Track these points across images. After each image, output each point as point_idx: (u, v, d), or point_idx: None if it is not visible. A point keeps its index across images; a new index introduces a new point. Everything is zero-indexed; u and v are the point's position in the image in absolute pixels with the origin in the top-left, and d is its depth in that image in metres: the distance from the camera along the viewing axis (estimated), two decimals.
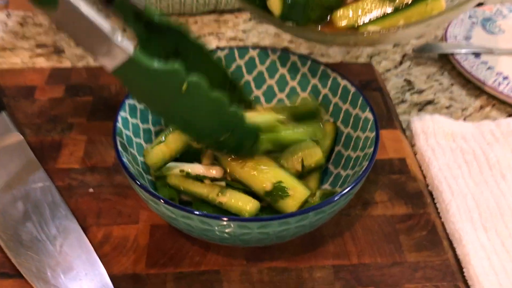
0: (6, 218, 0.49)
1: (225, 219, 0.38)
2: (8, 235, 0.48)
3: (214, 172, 0.46)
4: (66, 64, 0.74)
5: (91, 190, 0.53)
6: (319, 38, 0.57)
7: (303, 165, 0.48)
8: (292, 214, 0.38)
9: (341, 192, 0.41)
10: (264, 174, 0.45)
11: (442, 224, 0.52)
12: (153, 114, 0.52)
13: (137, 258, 0.47)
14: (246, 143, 0.45)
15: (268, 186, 0.45)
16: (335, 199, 0.40)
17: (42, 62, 0.74)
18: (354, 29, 0.56)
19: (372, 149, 0.45)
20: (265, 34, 0.83)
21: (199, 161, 0.49)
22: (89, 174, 0.55)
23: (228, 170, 0.47)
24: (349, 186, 0.41)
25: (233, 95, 0.46)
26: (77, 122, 0.61)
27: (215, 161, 0.48)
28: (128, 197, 0.52)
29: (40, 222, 0.49)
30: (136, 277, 0.46)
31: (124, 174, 0.43)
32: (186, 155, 0.49)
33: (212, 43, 0.79)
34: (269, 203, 0.46)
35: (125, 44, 0.36)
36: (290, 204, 0.45)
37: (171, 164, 0.48)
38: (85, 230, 0.49)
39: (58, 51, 0.77)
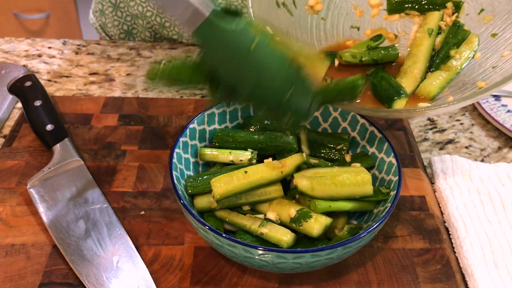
0: (70, 234, 0.56)
1: (264, 249, 0.44)
2: (72, 250, 0.55)
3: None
4: (116, 92, 0.82)
5: (142, 212, 0.60)
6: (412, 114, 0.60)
7: None
8: (322, 248, 0.45)
9: (366, 230, 0.47)
10: (289, 206, 0.52)
11: (456, 259, 0.57)
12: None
13: (182, 276, 0.54)
14: (303, 103, 0.49)
15: (292, 212, 0.51)
16: (361, 236, 0.46)
17: (94, 89, 0.82)
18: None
19: (395, 192, 0.51)
20: None
21: (239, 210, 0.55)
22: (140, 197, 0.62)
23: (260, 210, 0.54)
24: (373, 225, 0.47)
25: None
26: (130, 150, 0.68)
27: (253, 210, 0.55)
28: (175, 220, 0.59)
29: (99, 240, 0.56)
30: None
31: (171, 200, 0.50)
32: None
33: None
34: (296, 230, 0.51)
35: (203, 6, 0.44)
36: (314, 225, 0.50)
37: None
38: (137, 248, 0.56)
39: (109, 79, 0.85)
